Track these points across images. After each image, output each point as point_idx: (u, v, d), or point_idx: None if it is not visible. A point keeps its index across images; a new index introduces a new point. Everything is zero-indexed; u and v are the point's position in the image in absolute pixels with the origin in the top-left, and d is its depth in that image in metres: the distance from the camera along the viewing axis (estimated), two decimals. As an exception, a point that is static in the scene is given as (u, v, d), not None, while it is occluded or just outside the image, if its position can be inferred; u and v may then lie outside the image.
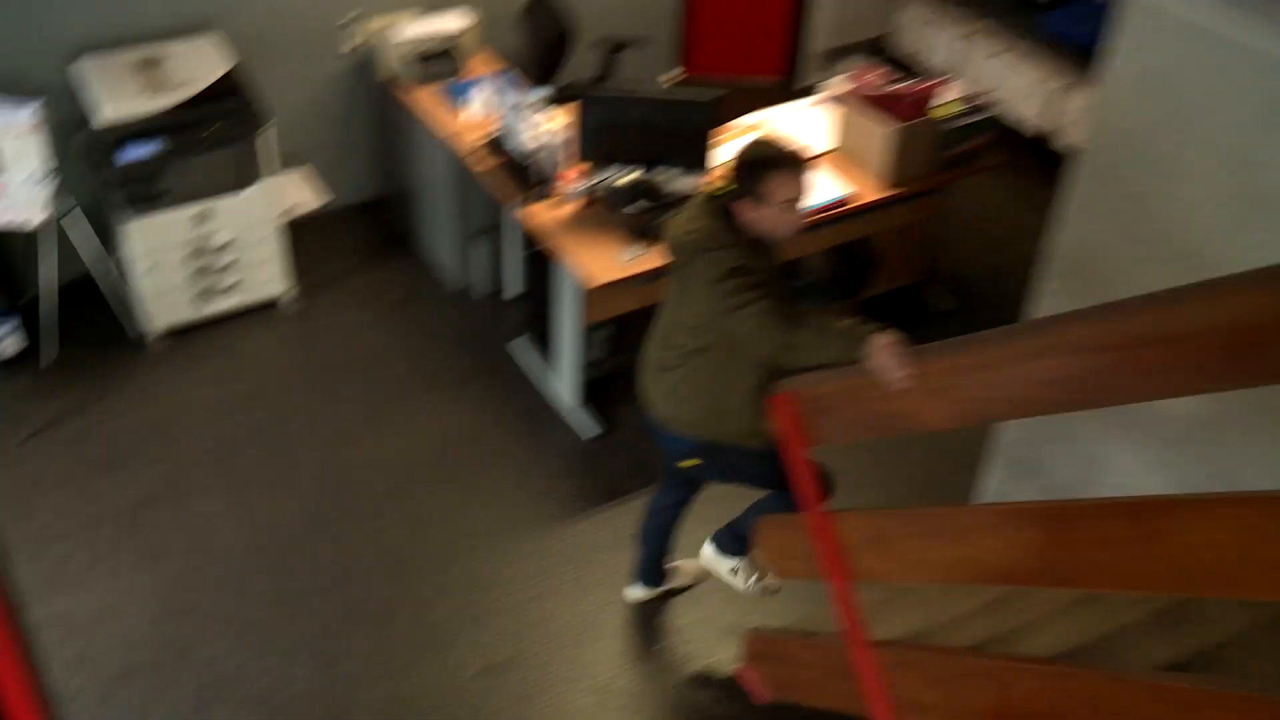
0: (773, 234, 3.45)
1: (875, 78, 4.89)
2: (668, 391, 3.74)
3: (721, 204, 3.45)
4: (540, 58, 5.87)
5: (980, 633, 3.75)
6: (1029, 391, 2.47)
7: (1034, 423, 4.03)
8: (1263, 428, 3.38)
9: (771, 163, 3.36)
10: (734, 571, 4.24)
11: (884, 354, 2.84)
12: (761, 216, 3.40)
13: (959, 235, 6.33)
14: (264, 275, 5.57)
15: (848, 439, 3.42)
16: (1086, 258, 3.71)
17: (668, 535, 4.35)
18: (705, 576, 4.53)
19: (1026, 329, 2.47)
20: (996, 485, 4.45)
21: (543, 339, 5.32)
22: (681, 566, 4.54)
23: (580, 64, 6.20)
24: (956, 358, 2.66)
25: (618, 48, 6.16)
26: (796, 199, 3.38)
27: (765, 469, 3.69)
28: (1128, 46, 3.34)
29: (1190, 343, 2.14)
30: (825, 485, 3.84)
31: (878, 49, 7.62)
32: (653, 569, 4.45)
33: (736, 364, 3.52)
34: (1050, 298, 3.86)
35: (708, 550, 4.29)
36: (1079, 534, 2.61)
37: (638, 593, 4.51)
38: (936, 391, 2.76)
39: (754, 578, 4.24)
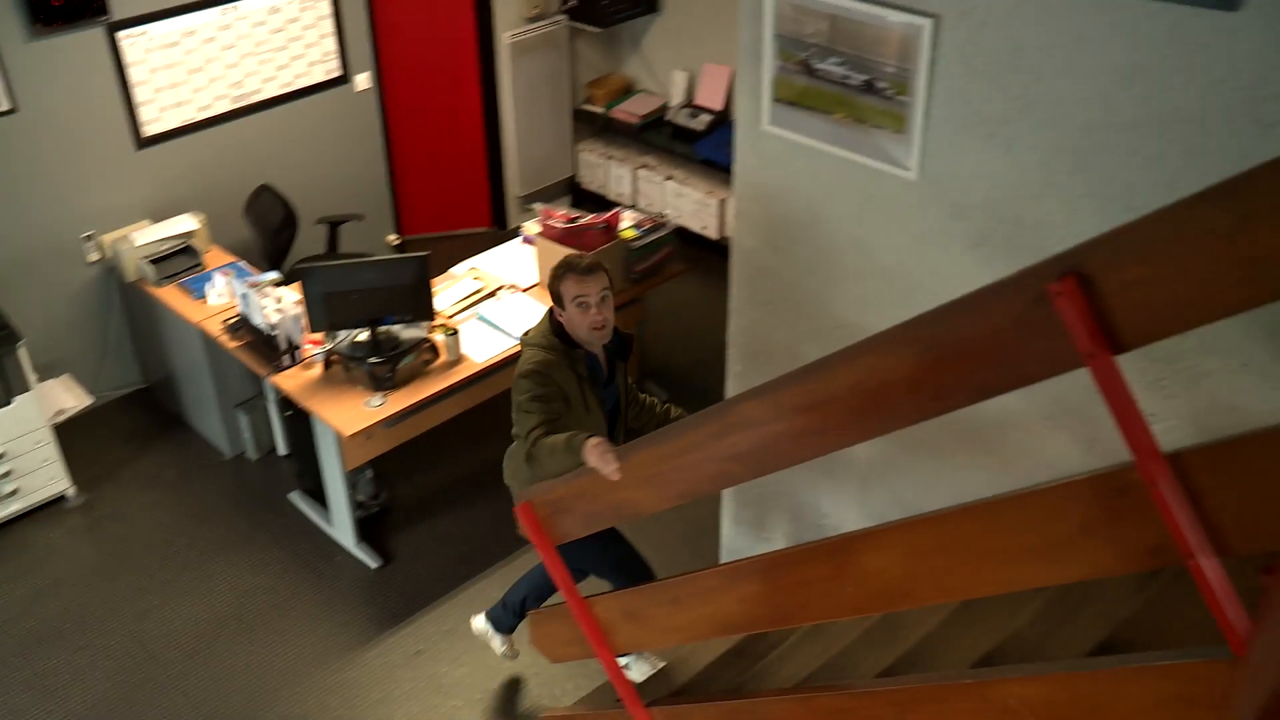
0: (578, 334, 3.48)
1: (559, 216, 4.99)
2: (506, 467, 3.81)
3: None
4: (269, 243, 5.80)
5: (737, 675, 3.79)
6: (719, 467, 2.52)
7: (746, 485, 4.13)
8: (922, 459, 3.56)
9: (561, 269, 3.44)
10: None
11: (593, 455, 2.88)
12: (567, 319, 3.46)
13: (665, 336, 6.48)
14: (44, 477, 5.22)
15: (587, 532, 3.41)
16: (758, 341, 3.84)
17: (540, 599, 4.23)
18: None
19: (709, 413, 2.51)
20: (733, 543, 4.52)
21: (315, 488, 5.17)
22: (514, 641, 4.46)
23: (309, 243, 6.15)
24: (656, 448, 2.70)
25: (336, 224, 6.13)
26: (584, 298, 3.40)
27: (588, 556, 3.69)
28: (747, 164, 3.51)
29: (838, 404, 2.21)
30: (646, 572, 3.88)
31: (573, 187, 7.80)
32: (509, 618, 4.32)
33: None
34: (737, 379, 3.97)
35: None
36: (789, 578, 2.66)
37: (480, 624, 4.42)
38: (647, 479, 2.79)
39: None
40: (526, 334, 3.59)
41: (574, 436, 3.15)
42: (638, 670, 4.20)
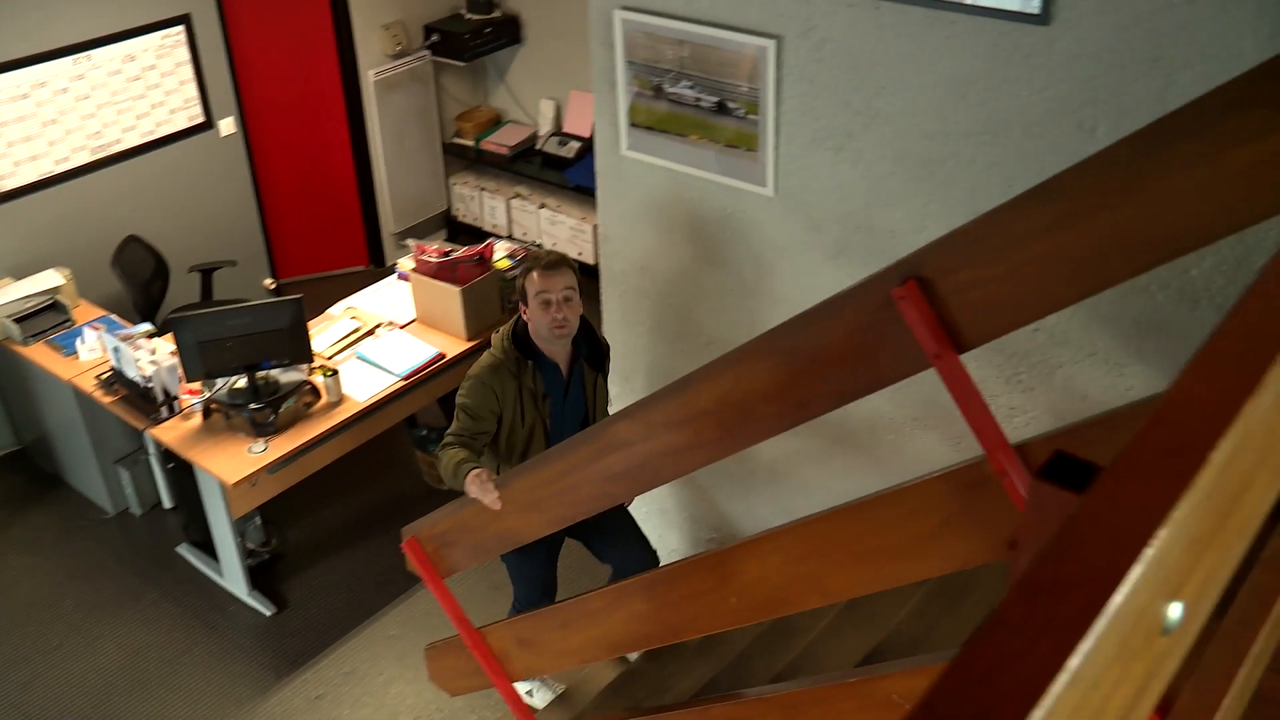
0: (539, 333, 3.33)
1: (432, 251, 4.96)
2: None
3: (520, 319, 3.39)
4: (140, 294, 5.65)
5: (639, 693, 3.79)
6: (598, 488, 2.52)
7: (635, 505, 4.14)
8: (803, 467, 3.61)
9: (527, 263, 3.31)
10: None
11: (473, 486, 2.86)
12: (529, 316, 3.31)
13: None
14: (-86, 551, 5.00)
15: (476, 563, 3.40)
16: (632, 362, 3.86)
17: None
18: None
19: (584, 437, 2.52)
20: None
21: (204, 539, 5.03)
22: None
23: (183, 292, 6.00)
24: (536, 474, 2.69)
25: (209, 272, 6.00)
26: (546, 295, 3.24)
27: (510, 559, 3.64)
28: (609, 190, 3.53)
29: (705, 419, 2.22)
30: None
31: (448, 220, 7.74)
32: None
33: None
34: (615, 402, 3.98)
35: None
36: (674, 593, 2.67)
37: None
38: (529, 506, 2.78)
39: None
40: (497, 330, 3.47)
41: (463, 465, 3.10)
42: (540, 697, 4.17)
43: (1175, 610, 0.47)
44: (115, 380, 4.84)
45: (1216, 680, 0.94)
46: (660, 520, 4.21)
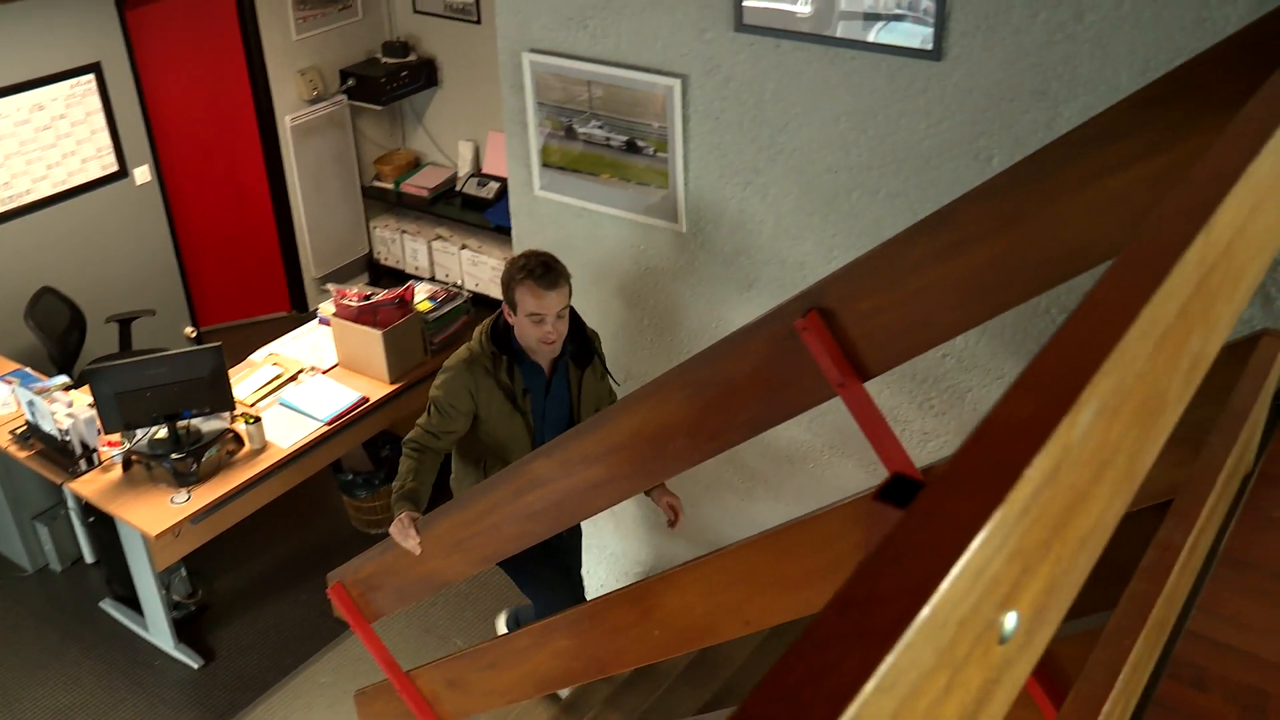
0: (525, 343, 3.12)
1: (352, 295, 4.93)
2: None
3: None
4: (56, 346, 5.53)
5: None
6: (521, 525, 2.52)
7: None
8: (726, 498, 3.63)
9: (520, 272, 3.02)
10: None
11: (395, 530, 2.84)
12: (517, 326, 3.09)
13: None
14: None
15: (403, 606, 3.36)
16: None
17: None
18: None
19: (504, 476, 2.51)
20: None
21: (129, 594, 4.92)
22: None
23: (102, 343, 5.90)
24: (457, 515, 2.69)
25: (127, 322, 5.90)
26: (540, 316, 3.01)
27: (520, 570, 3.55)
28: (524, 230, 3.55)
29: (622, 453, 2.24)
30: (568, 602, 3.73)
31: (370, 264, 7.70)
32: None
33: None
34: (538, 438, 3.98)
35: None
36: (598, 628, 2.67)
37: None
38: (453, 547, 2.77)
39: None
40: (481, 325, 3.26)
41: (401, 504, 3.03)
42: None
43: (1010, 620, 0.49)
44: (31, 434, 4.73)
45: (1098, 685, 0.98)
46: (587, 555, 4.20)
